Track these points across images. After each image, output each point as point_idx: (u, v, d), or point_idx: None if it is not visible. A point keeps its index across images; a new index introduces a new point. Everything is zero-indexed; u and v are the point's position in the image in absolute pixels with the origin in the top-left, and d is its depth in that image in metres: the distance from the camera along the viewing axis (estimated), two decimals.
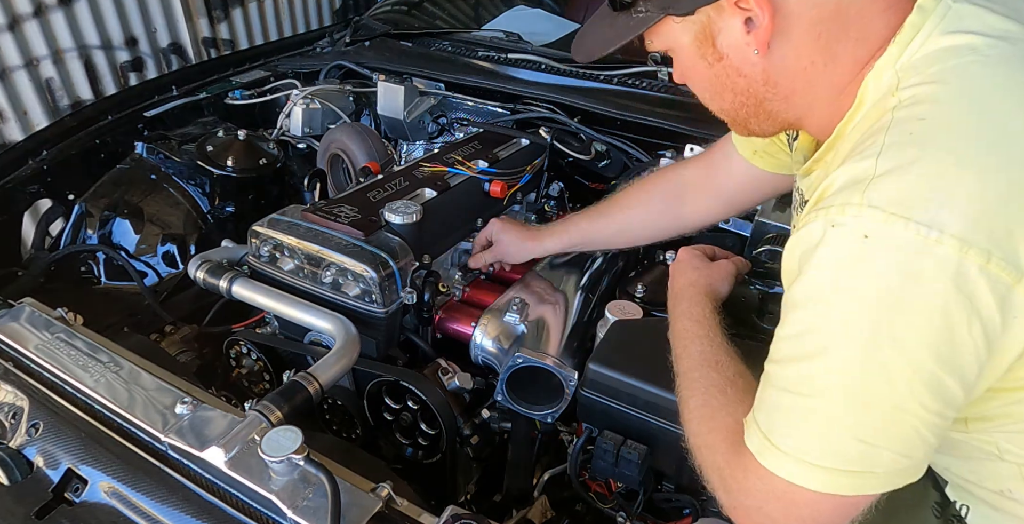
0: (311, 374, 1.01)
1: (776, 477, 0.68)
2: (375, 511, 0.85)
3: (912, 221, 0.60)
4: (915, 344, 0.62)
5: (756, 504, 0.71)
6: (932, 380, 0.63)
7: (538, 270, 1.41)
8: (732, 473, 0.74)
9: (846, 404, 0.65)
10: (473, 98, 1.88)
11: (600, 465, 1.07)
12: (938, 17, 0.70)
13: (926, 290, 0.60)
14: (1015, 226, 0.60)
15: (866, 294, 0.62)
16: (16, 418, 1.05)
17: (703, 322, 0.97)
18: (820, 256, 0.66)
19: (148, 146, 1.81)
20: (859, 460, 0.65)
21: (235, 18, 3.21)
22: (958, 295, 0.60)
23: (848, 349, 0.64)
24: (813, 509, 0.68)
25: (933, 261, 0.60)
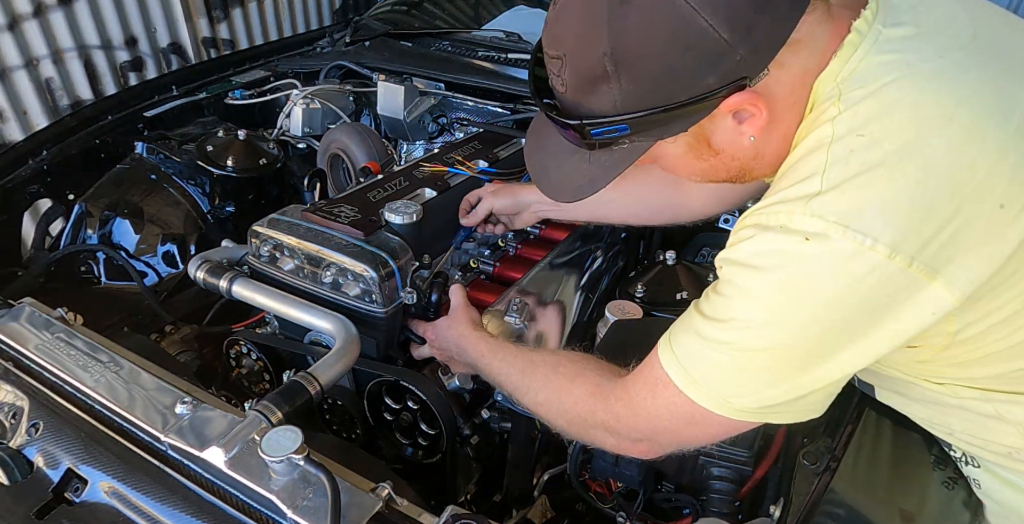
0: (311, 374, 1.01)
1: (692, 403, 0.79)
2: (375, 511, 0.85)
3: (850, 229, 0.67)
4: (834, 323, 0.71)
5: (664, 426, 0.83)
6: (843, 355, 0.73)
7: (538, 270, 1.41)
8: (625, 414, 0.86)
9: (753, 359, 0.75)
10: (473, 98, 1.88)
11: (600, 465, 1.07)
12: (871, 39, 0.73)
13: (854, 284, 0.68)
14: (937, 233, 0.67)
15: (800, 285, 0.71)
16: (16, 418, 1.05)
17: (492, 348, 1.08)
18: (765, 241, 0.73)
19: (148, 146, 1.81)
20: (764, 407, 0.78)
21: (235, 18, 3.21)
22: (883, 294, 0.69)
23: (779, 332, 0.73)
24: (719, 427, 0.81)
25: (864, 263, 0.67)
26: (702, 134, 0.79)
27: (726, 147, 0.80)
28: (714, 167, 0.84)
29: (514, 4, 2.48)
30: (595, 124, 0.75)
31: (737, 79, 0.71)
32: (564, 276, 1.43)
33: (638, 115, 0.73)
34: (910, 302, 0.69)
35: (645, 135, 0.77)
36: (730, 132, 0.78)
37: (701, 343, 0.78)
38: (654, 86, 0.72)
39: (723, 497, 1.01)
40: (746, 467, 1.02)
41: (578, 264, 1.47)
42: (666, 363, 0.81)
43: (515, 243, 1.49)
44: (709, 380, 0.78)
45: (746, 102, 0.73)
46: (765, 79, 0.72)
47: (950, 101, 0.69)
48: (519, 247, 1.49)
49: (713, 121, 0.76)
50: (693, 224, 1.33)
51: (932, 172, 0.67)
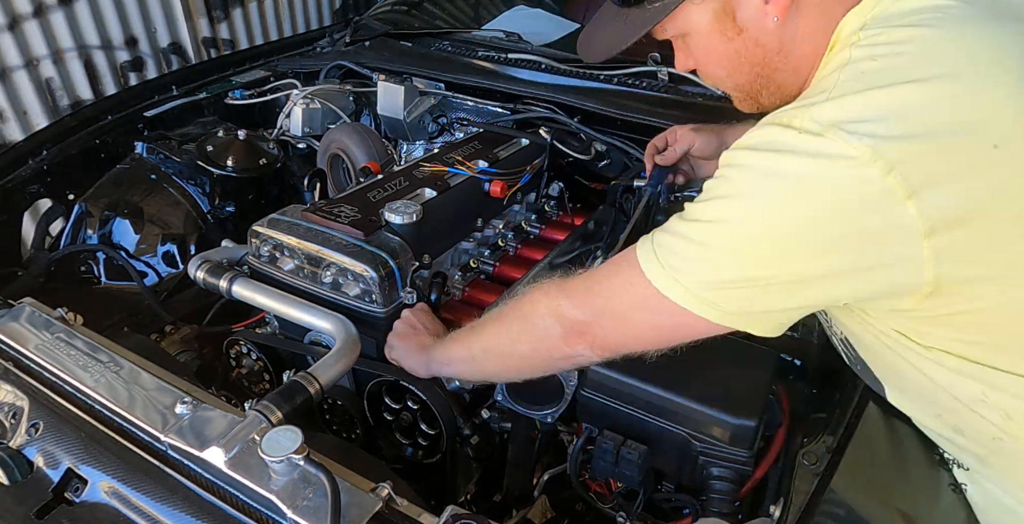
0: (311, 374, 1.01)
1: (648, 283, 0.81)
2: (375, 511, 0.85)
3: (841, 130, 0.70)
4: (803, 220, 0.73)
5: (621, 310, 0.85)
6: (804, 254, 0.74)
7: (538, 270, 1.41)
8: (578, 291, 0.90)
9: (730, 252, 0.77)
10: (473, 98, 1.88)
11: (600, 465, 1.07)
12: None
13: (831, 179, 0.70)
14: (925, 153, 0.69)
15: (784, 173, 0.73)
16: (16, 418, 1.05)
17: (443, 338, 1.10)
18: (765, 132, 0.76)
19: (148, 146, 1.81)
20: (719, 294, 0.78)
21: (235, 18, 3.21)
22: (855, 194, 0.70)
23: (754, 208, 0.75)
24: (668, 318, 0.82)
25: (845, 162, 0.69)
26: (729, 4, 0.84)
27: (749, 25, 0.84)
28: (738, 53, 0.87)
29: (514, 4, 2.48)
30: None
31: None
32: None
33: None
34: (880, 217, 0.70)
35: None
36: (756, 8, 0.83)
37: (681, 225, 0.81)
38: None
39: (723, 497, 1.01)
40: (746, 467, 1.02)
41: (578, 264, 1.47)
42: (641, 245, 0.84)
43: (515, 243, 1.49)
44: (674, 258, 0.80)
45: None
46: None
47: (972, 44, 0.73)
48: (519, 247, 1.49)
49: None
50: None
51: (934, 97, 0.70)
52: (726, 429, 1.01)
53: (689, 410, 1.02)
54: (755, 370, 1.07)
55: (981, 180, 0.70)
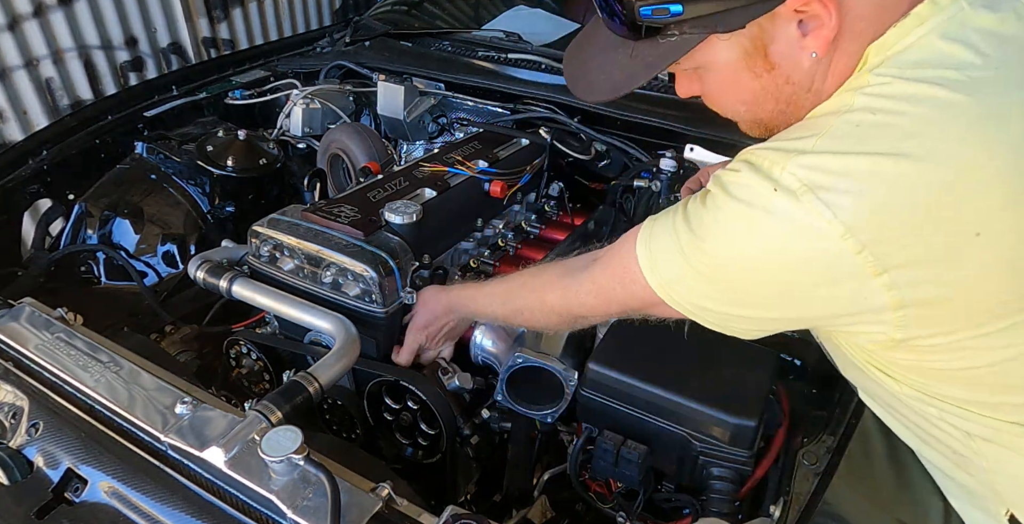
0: (311, 374, 1.01)
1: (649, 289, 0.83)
2: (375, 511, 0.85)
3: (816, 197, 0.66)
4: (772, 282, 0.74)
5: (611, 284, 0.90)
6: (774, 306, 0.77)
7: None
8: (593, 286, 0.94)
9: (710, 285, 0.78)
10: (473, 98, 1.88)
11: (600, 465, 1.07)
12: (945, 17, 0.69)
13: (801, 255, 0.69)
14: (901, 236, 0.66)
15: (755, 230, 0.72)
16: (16, 418, 1.05)
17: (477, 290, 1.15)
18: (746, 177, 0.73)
19: (148, 146, 1.81)
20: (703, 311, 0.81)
21: (235, 18, 3.21)
22: (825, 269, 0.69)
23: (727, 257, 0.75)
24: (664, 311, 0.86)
25: (816, 235, 0.67)
26: (760, 39, 0.72)
27: (783, 61, 0.74)
28: (765, 90, 0.77)
29: (514, 4, 2.48)
30: (647, 2, 0.69)
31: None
32: None
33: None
34: (846, 286, 0.70)
35: (698, 25, 0.70)
36: (791, 43, 0.72)
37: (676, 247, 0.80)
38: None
39: (723, 497, 1.01)
40: (746, 467, 1.02)
41: None
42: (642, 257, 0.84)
43: (515, 243, 1.49)
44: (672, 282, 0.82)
45: (817, 2, 0.67)
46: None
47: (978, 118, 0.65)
48: (519, 247, 1.49)
49: (775, 23, 0.70)
50: None
51: (920, 176, 0.65)
52: (726, 429, 1.01)
53: (689, 410, 1.02)
54: (755, 370, 1.07)
55: (958, 267, 0.67)
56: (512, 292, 1.09)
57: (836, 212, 0.66)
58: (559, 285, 1.00)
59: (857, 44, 0.72)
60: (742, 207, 0.73)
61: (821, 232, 0.67)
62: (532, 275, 1.08)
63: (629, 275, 0.86)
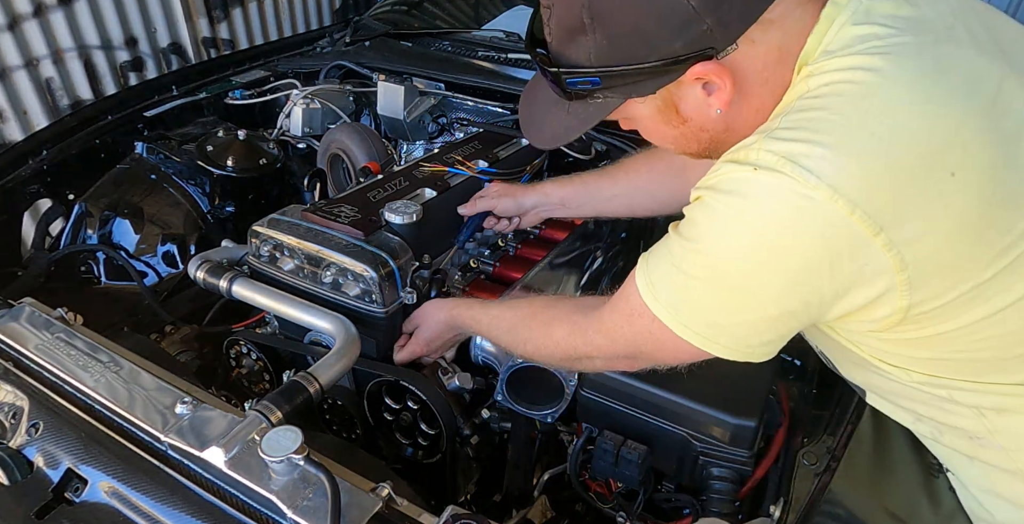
0: (311, 374, 1.01)
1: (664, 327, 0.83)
2: (375, 511, 0.85)
3: (797, 165, 0.69)
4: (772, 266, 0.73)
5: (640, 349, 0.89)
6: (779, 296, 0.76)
7: (538, 270, 1.41)
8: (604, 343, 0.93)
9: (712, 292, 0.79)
10: (473, 98, 1.88)
11: (600, 465, 1.07)
12: (850, 10, 0.75)
13: (795, 228, 0.70)
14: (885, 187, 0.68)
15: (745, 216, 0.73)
16: (16, 418, 1.05)
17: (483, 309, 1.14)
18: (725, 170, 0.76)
19: (148, 146, 1.81)
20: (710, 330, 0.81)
21: (235, 18, 3.21)
22: (821, 238, 0.70)
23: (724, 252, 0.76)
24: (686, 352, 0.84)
25: (806, 201, 0.68)
26: (671, 99, 0.81)
27: (693, 116, 0.83)
28: (684, 135, 0.86)
29: (514, 4, 2.48)
30: (571, 73, 0.80)
31: (703, 48, 0.74)
32: (564, 276, 1.43)
33: (608, 69, 0.77)
34: (851, 257, 0.70)
35: (616, 91, 0.81)
36: (698, 101, 0.80)
37: (671, 265, 0.81)
38: (624, 44, 0.76)
39: (723, 497, 1.01)
40: (746, 467, 1.02)
41: (578, 264, 1.47)
42: (642, 287, 0.84)
43: (515, 243, 1.49)
44: (675, 303, 0.82)
45: (711, 73, 0.76)
46: (734, 53, 0.75)
47: (918, 70, 0.71)
48: (519, 247, 1.49)
49: (681, 88, 0.79)
50: None
51: (889, 128, 0.69)
52: (726, 429, 1.01)
53: (689, 410, 1.02)
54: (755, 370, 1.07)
55: (944, 209, 0.69)
56: (520, 321, 1.07)
57: (820, 176, 0.68)
58: (569, 321, 0.99)
59: (767, 85, 0.79)
60: (728, 197, 0.74)
61: (810, 199, 0.68)
62: (543, 306, 1.07)
63: (634, 309, 0.86)
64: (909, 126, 0.69)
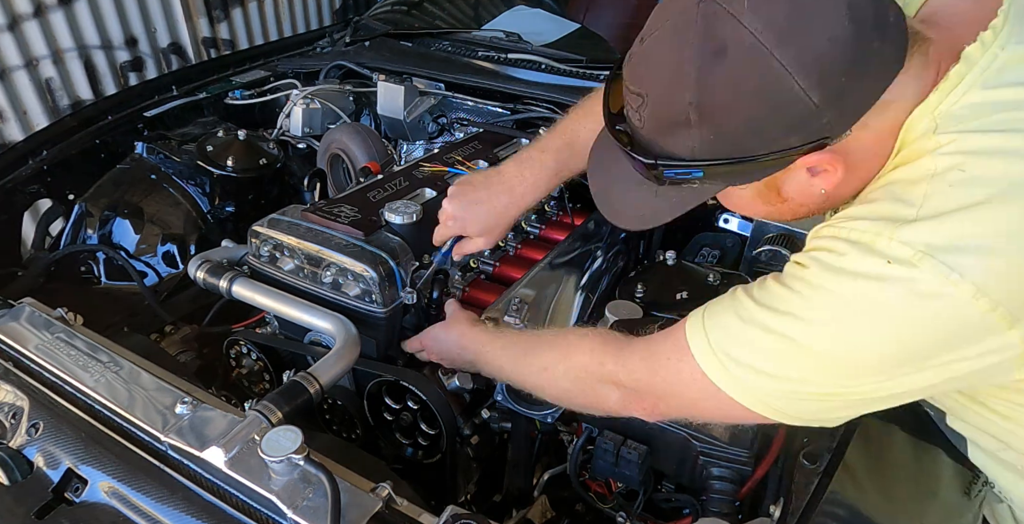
0: (311, 374, 1.01)
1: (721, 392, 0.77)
2: (375, 511, 0.85)
3: (937, 260, 0.64)
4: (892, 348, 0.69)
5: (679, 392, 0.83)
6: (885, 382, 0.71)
7: (538, 270, 1.41)
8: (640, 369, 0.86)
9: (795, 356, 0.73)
10: (473, 98, 1.88)
11: (600, 465, 1.07)
12: (982, 67, 0.70)
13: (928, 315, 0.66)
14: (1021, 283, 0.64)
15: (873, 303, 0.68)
16: (16, 418, 1.05)
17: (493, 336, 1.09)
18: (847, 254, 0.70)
19: (148, 146, 1.81)
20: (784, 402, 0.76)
21: (235, 18, 3.21)
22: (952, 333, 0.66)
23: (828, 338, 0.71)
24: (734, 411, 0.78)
25: (944, 299, 0.64)
26: (773, 182, 0.78)
27: (795, 196, 0.79)
28: (779, 211, 0.83)
29: (514, 4, 2.48)
30: (670, 166, 0.75)
31: (819, 139, 0.70)
32: (564, 276, 1.43)
33: (714, 163, 0.73)
34: (979, 345, 0.67)
35: (718, 180, 0.77)
36: (802, 184, 0.77)
37: (743, 326, 0.76)
38: (734, 138, 0.71)
39: (723, 497, 1.01)
40: (746, 467, 1.02)
41: (578, 264, 1.47)
42: (695, 339, 0.79)
43: (515, 243, 1.49)
44: (739, 369, 0.76)
45: (824, 161, 0.73)
46: (846, 139, 0.71)
47: None
48: (519, 247, 1.49)
49: (787, 173, 0.75)
50: None
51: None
52: (726, 429, 1.01)
53: None
54: None
55: None
56: (533, 347, 1.02)
57: (963, 273, 0.64)
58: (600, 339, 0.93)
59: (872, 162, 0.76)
60: (853, 288, 0.69)
61: (950, 297, 0.64)
62: (558, 334, 1.02)
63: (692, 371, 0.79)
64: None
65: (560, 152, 1.17)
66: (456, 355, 1.16)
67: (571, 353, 0.95)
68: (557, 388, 0.98)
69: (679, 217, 0.82)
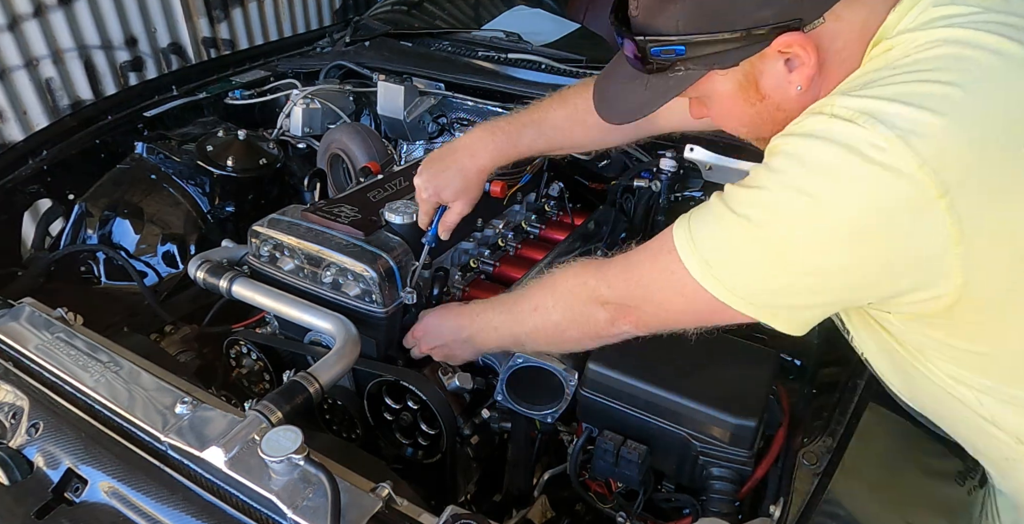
0: (311, 374, 1.01)
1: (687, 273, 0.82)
2: (375, 511, 0.85)
3: (874, 117, 0.69)
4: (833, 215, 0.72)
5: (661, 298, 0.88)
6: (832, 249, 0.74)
7: (538, 270, 1.41)
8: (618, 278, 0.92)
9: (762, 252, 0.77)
10: (473, 98, 1.88)
11: (600, 465, 1.07)
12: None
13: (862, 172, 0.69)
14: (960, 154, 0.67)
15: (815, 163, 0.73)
16: (16, 418, 1.05)
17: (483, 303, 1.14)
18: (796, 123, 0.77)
19: (148, 146, 1.80)
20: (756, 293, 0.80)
21: (235, 18, 3.21)
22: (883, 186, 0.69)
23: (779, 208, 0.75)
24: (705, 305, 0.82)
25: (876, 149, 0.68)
26: (752, 73, 0.82)
27: (773, 93, 0.83)
28: (760, 114, 0.86)
29: (514, 4, 2.48)
30: (656, 42, 0.81)
31: (792, 18, 0.75)
32: None
33: (695, 37, 0.78)
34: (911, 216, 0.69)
35: (699, 63, 0.81)
36: (779, 77, 0.81)
37: (723, 212, 0.80)
38: (712, 10, 0.77)
39: (723, 497, 1.01)
40: (746, 467, 1.02)
41: None
42: (677, 229, 0.84)
43: (515, 243, 1.49)
44: (710, 251, 0.80)
45: (796, 44, 0.76)
46: (820, 28, 0.76)
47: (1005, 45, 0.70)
48: (519, 247, 1.49)
49: (764, 61, 0.80)
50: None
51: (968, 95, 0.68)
52: (726, 429, 1.01)
53: (689, 410, 1.02)
54: (755, 370, 1.07)
55: (1015, 189, 0.68)
56: (521, 294, 1.07)
57: (894, 129, 0.68)
58: (580, 264, 0.99)
59: (843, 67, 0.80)
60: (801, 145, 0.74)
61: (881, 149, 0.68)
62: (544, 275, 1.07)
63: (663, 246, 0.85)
64: (989, 95, 0.69)
65: (526, 127, 1.23)
66: (453, 336, 1.16)
67: (556, 283, 1.01)
68: (550, 322, 1.02)
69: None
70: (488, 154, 1.22)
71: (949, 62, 0.70)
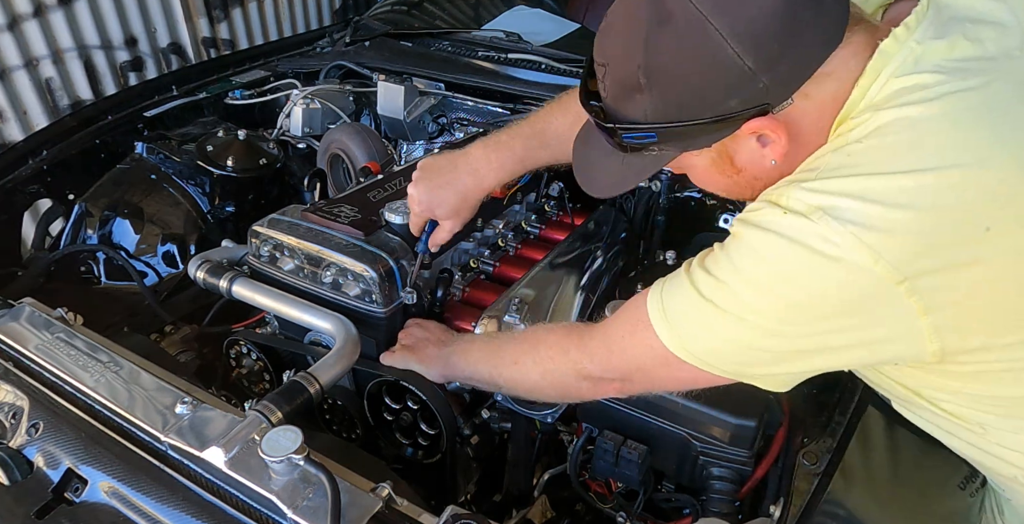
0: (311, 374, 1.01)
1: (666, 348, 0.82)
2: (375, 511, 0.85)
3: (827, 214, 0.69)
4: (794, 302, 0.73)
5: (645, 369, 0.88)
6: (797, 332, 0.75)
7: (538, 270, 1.41)
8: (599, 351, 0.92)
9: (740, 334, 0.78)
10: (473, 98, 1.88)
11: (600, 465, 1.07)
12: (898, 60, 0.74)
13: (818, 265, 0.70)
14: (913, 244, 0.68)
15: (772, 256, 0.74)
16: (16, 418, 1.05)
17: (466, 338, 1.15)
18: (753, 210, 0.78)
19: (148, 146, 1.81)
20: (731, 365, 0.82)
21: (235, 18, 3.21)
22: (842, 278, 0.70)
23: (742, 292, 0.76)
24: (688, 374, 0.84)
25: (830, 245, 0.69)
26: (726, 151, 0.82)
27: (748, 167, 0.83)
28: (738, 184, 0.87)
29: (514, 4, 2.48)
30: (627, 129, 0.81)
31: (759, 105, 0.74)
32: (564, 276, 1.43)
33: (664, 126, 0.78)
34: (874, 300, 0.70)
35: (671, 145, 0.82)
36: (753, 153, 0.81)
37: (691, 293, 0.80)
38: (680, 102, 0.77)
39: (723, 497, 1.01)
40: (746, 467, 1.02)
41: (578, 264, 1.47)
42: (651, 305, 0.84)
43: (515, 243, 1.49)
44: (686, 331, 0.81)
45: (766, 127, 0.76)
46: (789, 108, 0.76)
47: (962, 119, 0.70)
48: (519, 247, 1.49)
49: (736, 141, 0.80)
50: None
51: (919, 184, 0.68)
52: (726, 429, 1.01)
53: (689, 410, 1.02)
54: None
55: (974, 263, 0.69)
56: (506, 343, 1.07)
57: (846, 225, 0.68)
58: (562, 331, 0.99)
59: (818, 138, 0.79)
60: (759, 238, 0.75)
61: (835, 246, 0.69)
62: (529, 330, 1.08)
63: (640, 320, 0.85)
64: (948, 181, 0.68)
65: (529, 140, 1.21)
66: (437, 343, 1.17)
67: (538, 345, 1.00)
68: (529, 380, 1.01)
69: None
70: (493, 174, 1.19)
71: (901, 151, 0.70)
